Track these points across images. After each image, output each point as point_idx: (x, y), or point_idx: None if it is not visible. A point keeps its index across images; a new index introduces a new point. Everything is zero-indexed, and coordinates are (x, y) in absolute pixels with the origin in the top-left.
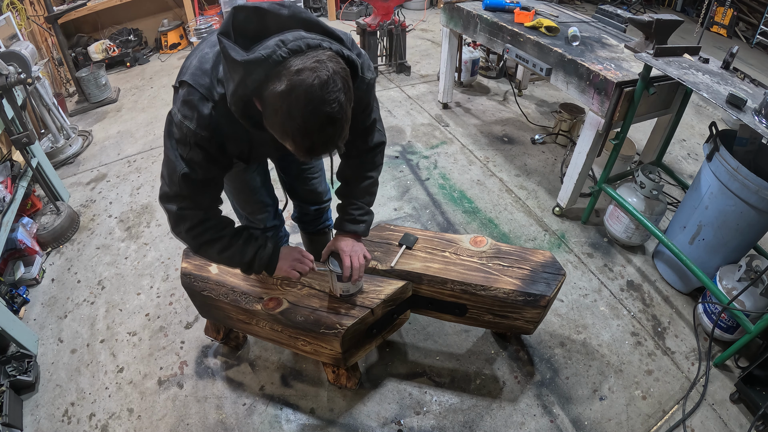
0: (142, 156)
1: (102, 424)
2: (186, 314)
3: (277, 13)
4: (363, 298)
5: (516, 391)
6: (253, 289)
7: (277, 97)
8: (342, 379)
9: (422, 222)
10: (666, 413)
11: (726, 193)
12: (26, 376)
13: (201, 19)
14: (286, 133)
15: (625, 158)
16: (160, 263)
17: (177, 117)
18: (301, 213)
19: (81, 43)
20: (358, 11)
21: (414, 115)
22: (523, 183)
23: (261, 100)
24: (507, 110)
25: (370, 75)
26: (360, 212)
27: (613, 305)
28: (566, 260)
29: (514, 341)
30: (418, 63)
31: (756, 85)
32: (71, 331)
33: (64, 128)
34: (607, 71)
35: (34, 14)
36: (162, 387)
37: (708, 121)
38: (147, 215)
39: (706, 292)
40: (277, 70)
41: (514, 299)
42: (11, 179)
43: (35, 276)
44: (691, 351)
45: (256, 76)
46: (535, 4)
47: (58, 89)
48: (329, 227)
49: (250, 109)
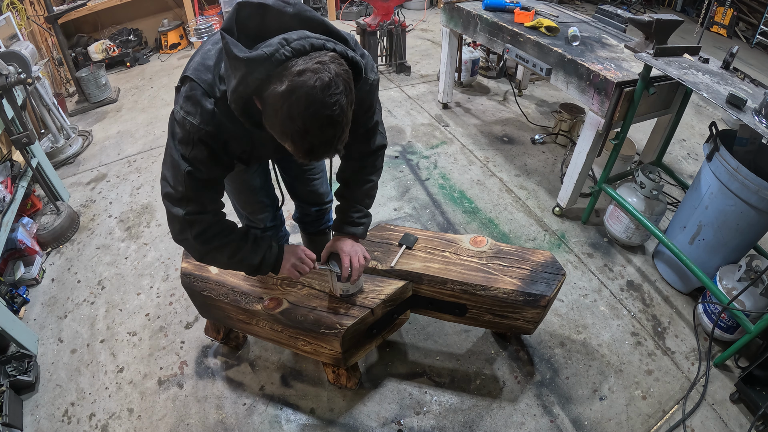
0: (142, 156)
1: (102, 424)
2: (186, 314)
3: (281, 11)
4: (363, 298)
5: (516, 391)
6: (253, 289)
7: (278, 97)
8: (342, 379)
9: (422, 222)
10: (666, 413)
11: (726, 193)
12: (26, 376)
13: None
14: (285, 134)
15: (625, 158)
16: (160, 263)
17: (179, 114)
18: (302, 213)
19: (81, 43)
20: (358, 11)
21: (414, 115)
22: (523, 183)
23: (261, 99)
24: (507, 110)
25: (374, 76)
26: (359, 215)
27: (613, 305)
28: (566, 260)
29: (514, 341)
30: (418, 63)
31: (756, 85)
32: (71, 331)
33: (64, 128)
34: (607, 71)
35: (34, 14)
36: (162, 387)
37: (708, 121)
38: (147, 215)
39: (706, 292)
40: (279, 69)
41: (514, 299)
42: (11, 179)
43: (35, 276)
44: (691, 351)
45: (257, 75)
46: (535, 4)
47: (58, 89)
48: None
49: (251, 107)
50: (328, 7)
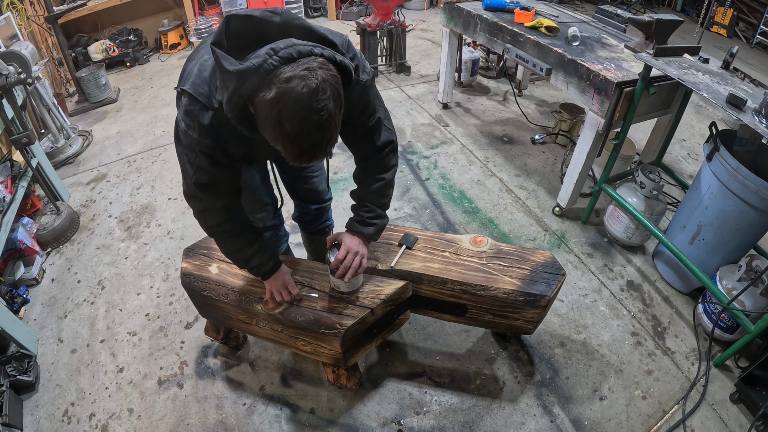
0: (142, 156)
1: (102, 424)
2: (186, 314)
3: (269, 21)
4: (363, 298)
5: (516, 391)
6: (253, 289)
7: (267, 104)
8: (342, 379)
9: (422, 222)
10: (666, 413)
11: (726, 193)
12: (26, 376)
13: (201, 19)
14: (276, 139)
15: (625, 158)
16: (160, 263)
17: (182, 125)
18: (302, 212)
19: (81, 43)
20: (358, 11)
21: (414, 115)
22: (523, 183)
23: (253, 106)
24: (507, 110)
25: (366, 77)
26: (370, 215)
27: (613, 305)
28: (566, 260)
29: (514, 341)
30: (418, 63)
31: (756, 85)
32: (71, 331)
33: (64, 128)
34: (607, 71)
35: (34, 14)
36: (162, 387)
37: (708, 121)
38: (147, 215)
39: (706, 292)
40: (269, 78)
41: (514, 299)
42: (11, 179)
43: (35, 276)
44: (691, 351)
45: (249, 86)
46: (535, 4)
47: (58, 89)
48: (330, 227)
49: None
50: (328, 7)
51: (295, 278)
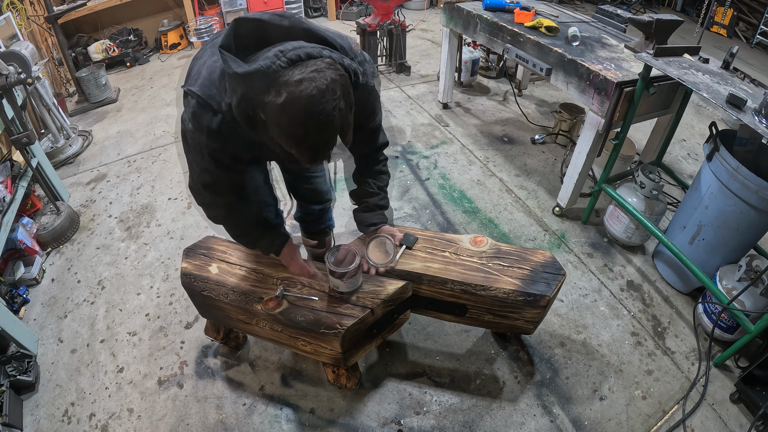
0: (142, 156)
1: (102, 424)
2: (186, 314)
3: (278, 25)
4: (363, 298)
5: (516, 391)
6: (253, 289)
7: (278, 108)
8: (342, 379)
9: (422, 222)
10: (666, 413)
11: (726, 193)
12: (26, 376)
13: (201, 19)
14: (289, 143)
15: (625, 158)
16: (160, 263)
17: (188, 126)
18: (304, 213)
19: (81, 43)
20: (358, 11)
21: (414, 115)
22: (523, 183)
23: (263, 110)
24: (507, 110)
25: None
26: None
27: (613, 305)
28: (566, 260)
29: (514, 341)
30: (418, 63)
31: (756, 85)
32: (71, 331)
33: (64, 128)
34: (607, 71)
35: (34, 14)
36: (162, 387)
37: (708, 121)
38: (147, 215)
39: (706, 292)
40: (277, 80)
41: (514, 299)
42: (11, 179)
43: (35, 276)
44: (691, 351)
45: (257, 88)
46: (535, 4)
47: (58, 89)
48: (330, 227)
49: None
50: (328, 7)
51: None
